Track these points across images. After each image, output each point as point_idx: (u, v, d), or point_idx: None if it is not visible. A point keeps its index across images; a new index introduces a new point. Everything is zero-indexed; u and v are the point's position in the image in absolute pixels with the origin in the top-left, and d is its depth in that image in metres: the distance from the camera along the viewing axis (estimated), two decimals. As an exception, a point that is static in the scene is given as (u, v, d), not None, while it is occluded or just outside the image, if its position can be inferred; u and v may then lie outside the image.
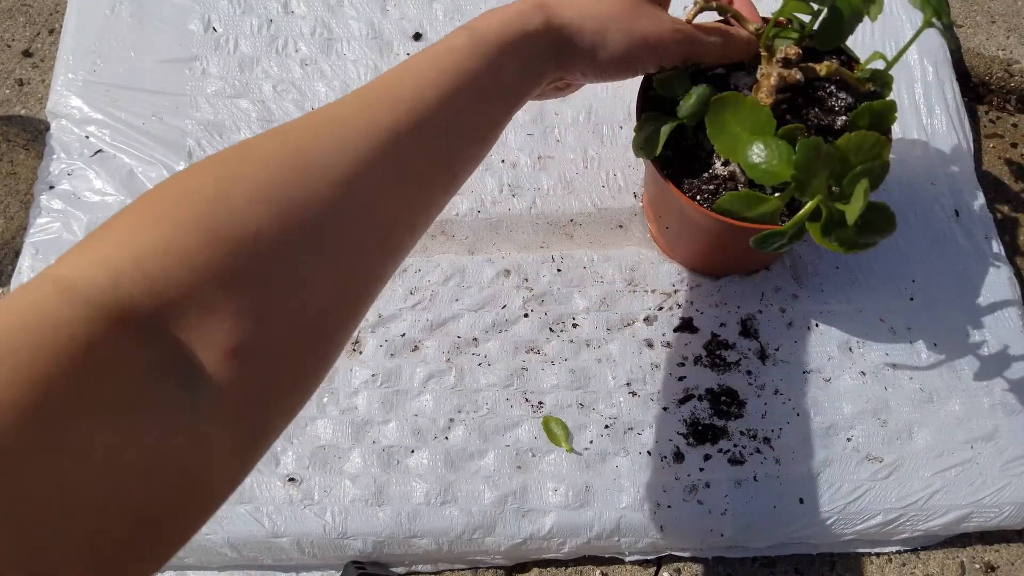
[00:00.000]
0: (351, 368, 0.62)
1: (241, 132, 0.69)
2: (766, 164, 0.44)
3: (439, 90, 0.37)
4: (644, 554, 0.59)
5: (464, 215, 0.67)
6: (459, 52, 0.40)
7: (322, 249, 0.31)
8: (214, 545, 0.57)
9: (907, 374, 0.62)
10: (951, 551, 0.60)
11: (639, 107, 0.53)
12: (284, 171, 0.31)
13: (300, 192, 0.31)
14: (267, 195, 0.30)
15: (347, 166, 0.33)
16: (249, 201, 0.30)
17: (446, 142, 0.38)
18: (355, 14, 0.75)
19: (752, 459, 0.59)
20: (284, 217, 0.30)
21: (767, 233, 0.43)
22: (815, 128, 0.53)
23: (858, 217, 0.39)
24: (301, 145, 0.33)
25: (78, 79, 0.70)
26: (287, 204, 0.30)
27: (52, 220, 0.66)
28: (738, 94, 0.49)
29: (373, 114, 0.35)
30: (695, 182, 0.52)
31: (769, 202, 0.46)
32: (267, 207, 0.30)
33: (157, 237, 0.28)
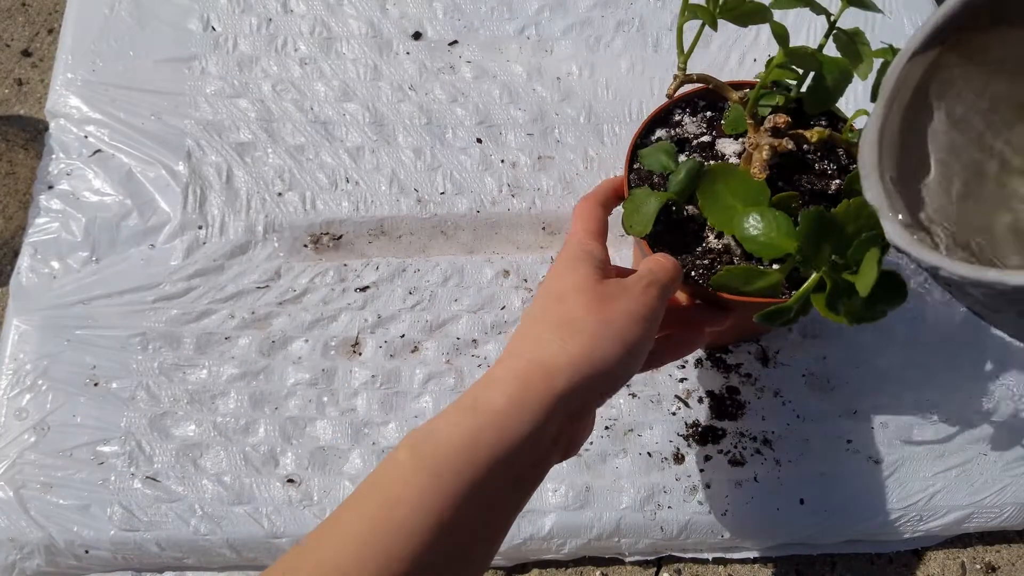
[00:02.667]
0: (351, 369, 0.62)
1: (240, 132, 0.69)
2: (764, 236, 0.42)
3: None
4: (644, 555, 0.59)
5: (463, 215, 0.67)
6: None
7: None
8: (213, 546, 0.57)
9: (907, 376, 0.62)
10: (952, 551, 0.60)
11: (627, 181, 0.52)
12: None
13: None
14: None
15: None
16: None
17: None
18: (355, 13, 0.75)
19: (752, 460, 0.59)
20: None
21: (772, 311, 0.41)
22: (808, 194, 0.51)
23: (869, 291, 0.38)
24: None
25: (77, 79, 0.70)
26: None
27: (51, 220, 0.66)
28: (729, 165, 0.48)
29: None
30: (688, 257, 0.50)
31: (768, 276, 0.44)
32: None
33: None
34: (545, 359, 0.38)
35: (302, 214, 0.66)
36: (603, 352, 0.39)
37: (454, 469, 0.35)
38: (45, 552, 0.56)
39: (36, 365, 0.61)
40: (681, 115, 0.54)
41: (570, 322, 0.40)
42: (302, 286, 0.65)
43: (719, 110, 0.54)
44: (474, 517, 0.35)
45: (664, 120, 0.54)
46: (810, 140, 0.48)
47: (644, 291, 0.42)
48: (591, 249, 0.44)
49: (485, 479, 0.35)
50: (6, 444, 0.59)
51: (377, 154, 0.69)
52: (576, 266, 0.43)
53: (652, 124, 0.54)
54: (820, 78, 0.47)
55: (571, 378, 0.38)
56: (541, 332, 0.40)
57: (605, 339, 0.39)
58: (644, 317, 0.41)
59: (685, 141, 0.53)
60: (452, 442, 0.36)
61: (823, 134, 0.48)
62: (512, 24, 0.74)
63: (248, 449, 0.59)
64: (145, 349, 0.62)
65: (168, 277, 0.64)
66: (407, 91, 0.71)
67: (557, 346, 0.39)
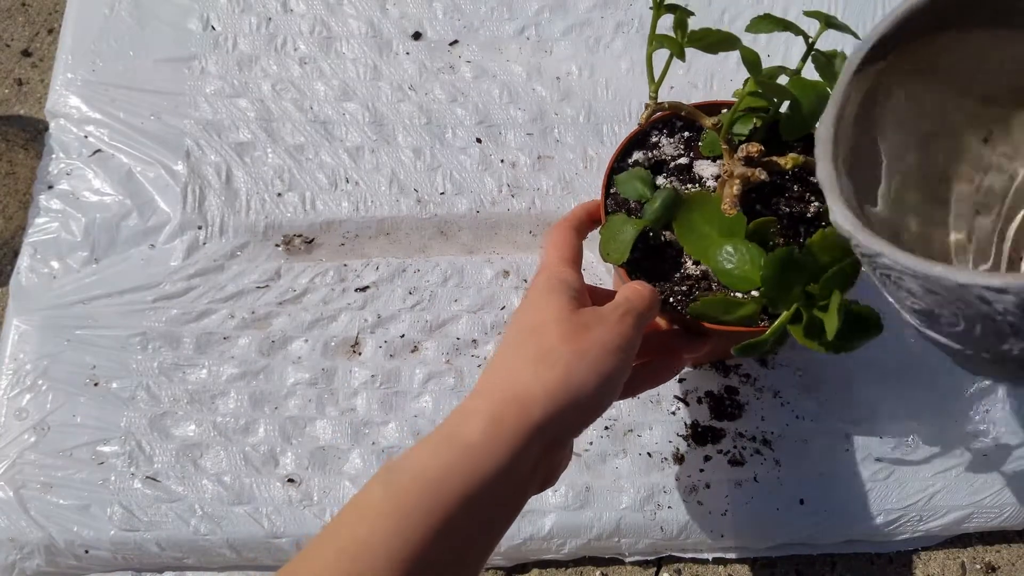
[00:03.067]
0: (350, 369, 0.62)
1: (240, 131, 0.69)
2: (738, 270, 0.43)
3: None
4: (644, 555, 0.59)
5: (463, 215, 0.67)
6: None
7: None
8: (213, 546, 0.57)
9: (907, 375, 0.62)
10: (952, 551, 0.60)
11: (603, 208, 0.52)
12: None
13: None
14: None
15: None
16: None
17: None
18: (354, 12, 0.75)
19: (752, 460, 0.59)
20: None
21: (750, 343, 0.41)
22: (786, 217, 0.51)
23: (837, 331, 0.38)
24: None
25: (77, 79, 0.70)
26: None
27: (51, 220, 0.66)
28: (705, 194, 0.48)
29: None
30: (667, 284, 0.50)
31: (746, 306, 0.44)
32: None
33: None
34: (520, 391, 0.38)
35: (302, 214, 0.66)
36: (579, 383, 0.39)
37: (425, 508, 0.35)
38: (45, 552, 0.56)
39: (36, 365, 0.61)
40: (658, 136, 0.54)
41: (545, 354, 0.39)
42: (302, 286, 0.65)
43: (697, 130, 0.54)
44: (445, 557, 0.35)
45: (641, 142, 0.54)
46: (784, 167, 0.48)
47: (620, 320, 0.41)
48: (565, 278, 0.44)
49: (457, 517, 0.35)
50: (6, 444, 0.59)
51: (377, 154, 0.69)
52: (550, 297, 0.43)
53: (629, 146, 0.53)
54: (796, 104, 0.47)
55: (546, 410, 0.38)
56: (516, 364, 0.40)
57: (581, 370, 0.39)
58: (620, 347, 0.40)
59: (663, 163, 0.53)
60: (426, 476, 0.35)
61: (797, 161, 0.48)
62: (512, 24, 0.74)
63: (248, 449, 0.59)
64: (145, 349, 0.62)
65: (168, 277, 0.64)
66: (407, 91, 0.71)
67: (532, 378, 0.39)
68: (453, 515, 0.35)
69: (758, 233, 0.46)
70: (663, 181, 0.53)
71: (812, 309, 0.40)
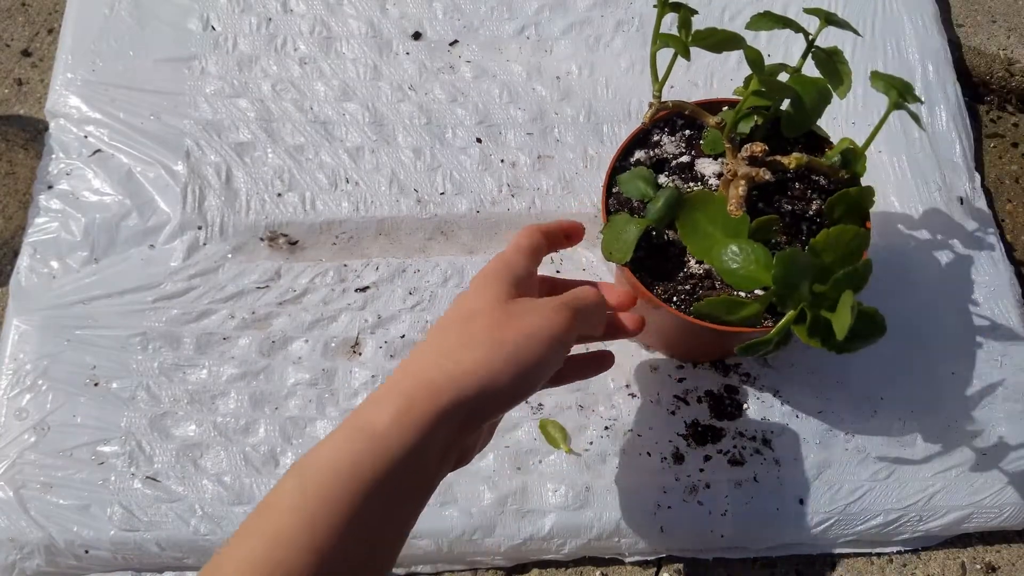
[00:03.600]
0: (351, 369, 0.62)
1: (240, 132, 0.69)
2: (743, 269, 0.43)
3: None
4: (644, 555, 0.59)
5: (463, 215, 0.67)
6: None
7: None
8: (213, 546, 0.57)
9: (907, 375, 0.62)
10: (952, 551, 0.60)
11: (605, 206, 0.51)
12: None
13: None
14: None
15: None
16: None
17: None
18: (354, 13, 0.75)
19: (752, 460, 0.59)
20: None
21: (753, 343, 0.42)
22: (789, 216, 0.51)
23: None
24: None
25: (77, 79, 0.70)
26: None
27: (50, 220, 0.66)
28: (708, 193, 0.48)
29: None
30: (670, 283, 0.50)
31: (749, 306, 0.44)
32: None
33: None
34: (433, 376, 0.39)
35: (302, 214, 0.66)
36: (492, 370, 0.39)
37: (335, 498, 0.35)
38: (45, 552, 0.56)
39: (36, 365, 0.61)
40: (660, 135, 0.54)
41: (468, 340, 0.40)
42: (302, 286, 0.65)
43: (698, 128, 0.54)
44: (357, 545, 0.36)
45: (643, 141, 0.54)
46: (788, 167, 0.48)
47: (554, 311, 0.42)
48: (511, 263, 0.45)
49: (367, 505, 0.36)
50: (6, 444, 0.59)
51: (377, 154, 0.69)
52: (488, 283, 0.44)
53: (631, 145, 0.53)
54: (798, 102, 0.47)
55: (457, 395, 0.38)
56: (437, 349, 0.41)
57: (498, 358, 0.40)
58: (549, 337, 0.41)
59: (664, 161, 0.53)
60: (335, 467, 0.36)
61: (801, 160, 0.48)
62: (512, 24, 0.74)
63: (248, 449, 0.59)
64: (145, 349, 0.62)
65: (168, 277, 0.64)
66: (407, 91, 0.71)
67: (448, 364, 0.39)
68: (363, 503, 0.36)
69: (761, 231, 0.46)
70: (665, 180, 0.52)
71: (818, 309, 0.40)
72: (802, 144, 0.52)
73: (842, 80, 0.49)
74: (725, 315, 0.45)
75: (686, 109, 0.49)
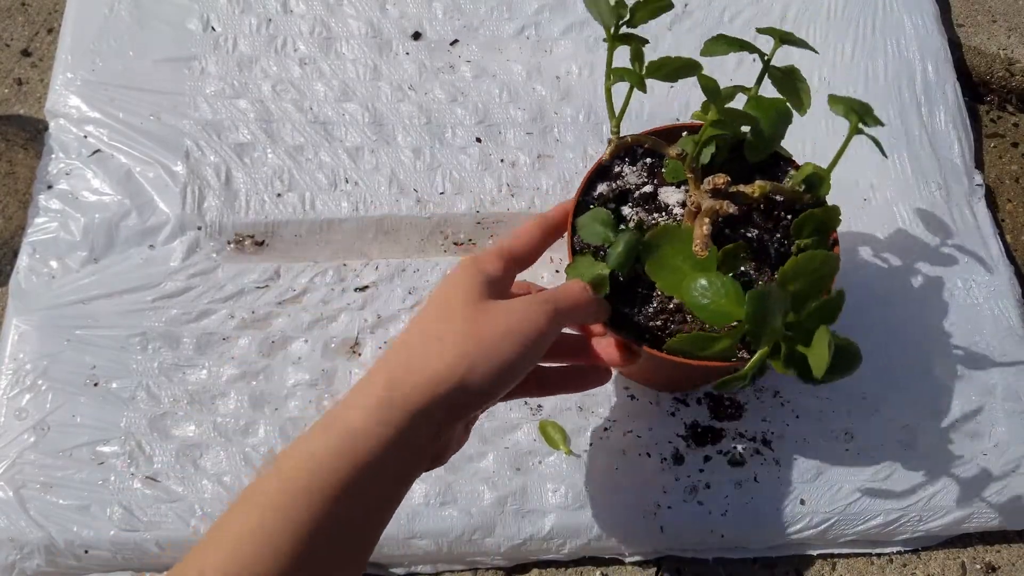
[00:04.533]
0: (350, 370, 0.62)
1: (239, 132, 0.69)
2: (713, 304, 0.41)
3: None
4: (644, 555, 0.59)
5: (463, 215, 0.67)
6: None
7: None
8: (213, 546, 0.57)
9: (907, 375, 0.62)
10: (952, 551, 0.60)
11: (570, 245, 0.50)
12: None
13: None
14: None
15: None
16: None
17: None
18: (354, 13, 0.74)
19: (752, 460, 0.59)
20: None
21: (729, 379, 0.41)
22: (756, 240, 0.50)
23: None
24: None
25: (77, 78, 0.70)
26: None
27: (50, 220, 0.66)
28: (674, 227, 0.47)
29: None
30: (641, 318, 0.48)
31: (721, 341, 0.43)
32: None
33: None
34: (409, 375, 0.39)
35: (301, 214, 0.66)
36: (470, 368, 0.39)
37: (312, 492, 0.36)
38: (45, 552, 0.56)
39: (36, 365, 0.61)
40: (621, 166, 0.53)
41: (442, 337, 0.40)
42: (301, 286, 0.65)
43: (660, 156, 0.53)
44: (337, 536, 0.36)
45: (604, 173, 0.53)
46: (752, 196, 0.47)
47: (530, 309, 0.42)
48: (482, 266, 0.44)
49: (343, 499, 0.36)
50: (6, 444, 0.59)
51: (376, 154, 0.69)
52: (459, 282, 0.43)
53: (593, 178, 0.52)
54: (757, 127, 0.46)
55: (433, 393, 0.38)
56: (412, 347, 0.41)
57: (475, 356, 0.39)
58: (524, 335, 0.41)
59: (627, 192, 0.52)
60: (314, 461, 0.36)
61: (764, 189, 0.47)
62: (512, 24, 0.74)
63: (248, 450, 0.59)
64: (145, 349, 0.62)
65: (168, 277, 0.64)
66: (407, 91, 0.71)
67: (423, 361, 0.39)
68: (339, 497, 0.36)
69: (729, 260, 0.45)
70: (629, 211, 0.51)
71: (793, 343, 0.40)
72: (766, 163, 0.50)
73: (801, 100, 0.48)
74: (698, 351, 0.44)
75: (645, 142, 0.48)
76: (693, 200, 0.47)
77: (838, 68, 0.73)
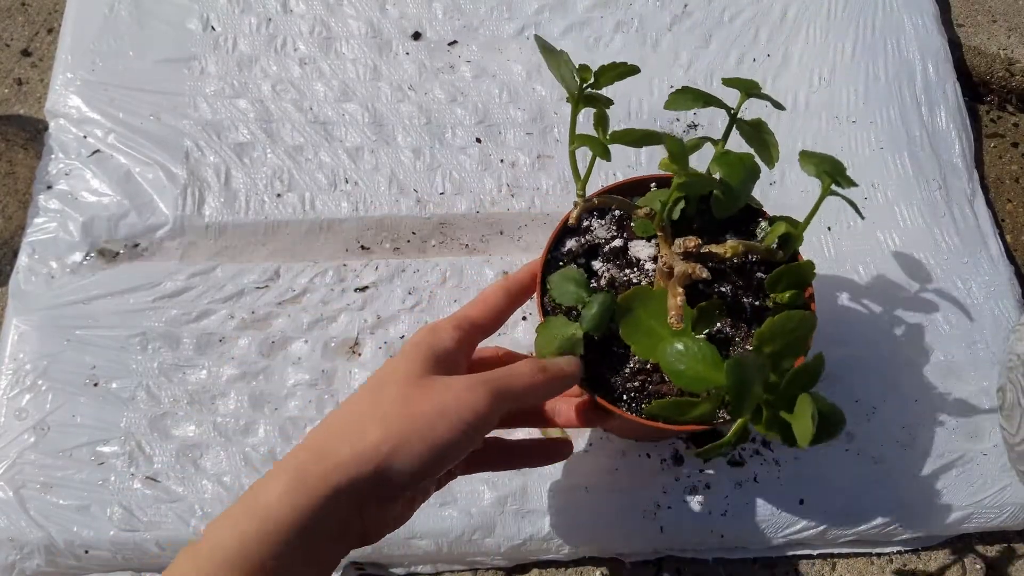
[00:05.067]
0: (350, 370, 0.62)
1: (239, 132, 0.69)
2: (690, 370, 0.40)
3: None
4: (644, 555, 0.59)
5: (463, 215, 0.67)
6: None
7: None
8: (213, 546, 0.57)
9: (907, 375, 0.62)
10: (952, 551, 0.60)
11: (540, 304, 0.49)
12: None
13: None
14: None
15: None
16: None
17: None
18: (354, 13, 0.74)
19: (752, 460, 0.59)
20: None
21: (712, 447, 0.41)
22: (731, 296, 0.49)
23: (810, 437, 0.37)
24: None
25: (77, 78, 0.70)
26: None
27: (49, 220, 0.66)
28: (646, 289, 0.46)
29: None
30: (617, 380, 0.47)
31: (701, 406, 0.43)
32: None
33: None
34: (333, 451, 0.37)
35: (301, 214, 0.66)
36: (396, 447, 0.38)
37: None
38: (45, 552, 0.56)
39: (36, 365, 0.61)
40: (589, 220, 0.52)
41: (375, 414, 0.39)
42: (301, 286, 0.65)
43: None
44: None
45: (573, 228, 0.52)
46: (724, 256, 0.46)
47: (468, 390, 0.40)
48: (434, 339, 0.43)
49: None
50: (6, 444, 0.59)
51: (376, 154, 0.69)
52: (407, 354, 0.42)
53: (561, 235, 0.51)
54: (726, 184, 0.46)
55: (357, 472, 0.37)
56: (345, 421, 0.39)
57: (404, 434, 0.38)
58: (460, 417, 0.39)
59: (597, 247, 0.51)
60: (224, 551, 0.35)
61: (736, 249, 0.46)
62: (512, 24, 0.74)
63: (248, 450, 0.59)
64: (145, 349, 0.62)
65: (167, 277, 0.64)
66: (407, 91, 0.71)
67: (353, 437, 0.38)
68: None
69: (704, 318, 0.44)
70: (600, 266, 0.51)
71: (776, 409, 0.39)
72: (736, 216, 0.50)
73: (771, 154, 0.47)
74: (677, 416, 0.43)
75: (612, 204, 0.47)
76: (665, 262, 0.45)
77: (838, 68, 0.73)
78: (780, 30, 0.75)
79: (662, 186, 0.53)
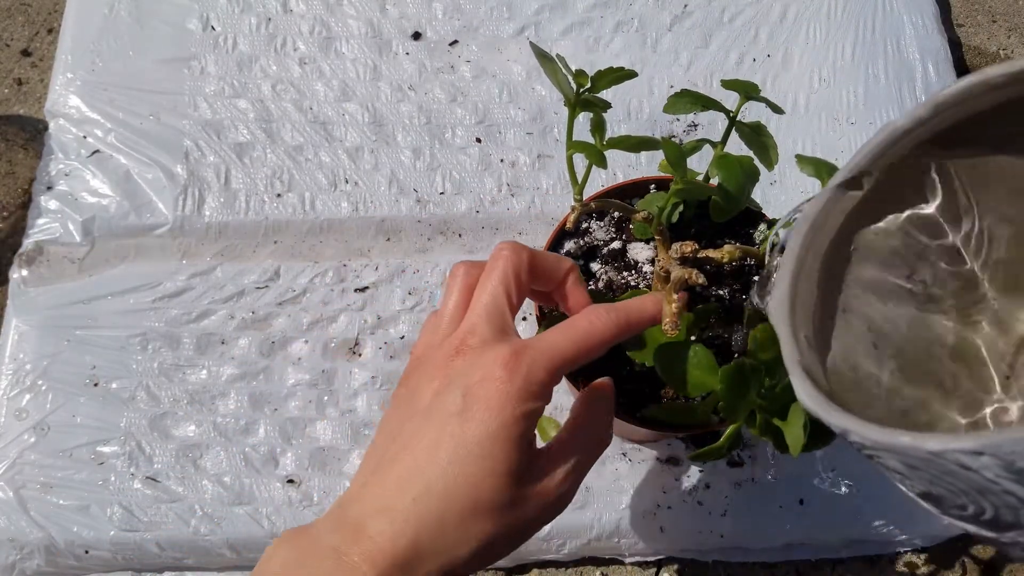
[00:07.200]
0: (350, 370, 0.62)
1: (239, 132, 0.69)
2: (686, 375, 0.41)
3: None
4: (644, 555, 0.59)
5: (463, 215, 0.67)
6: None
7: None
8: (213, 546, 0.57)
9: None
10: (952, 551, 0.60)
11: (537, 311, 0.50)
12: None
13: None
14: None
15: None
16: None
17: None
18: (354, 13, 0.74)
19: (752, 461, 0.59)
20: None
21: (706, 451, 0.41)
22: (727, 299, 0.49)
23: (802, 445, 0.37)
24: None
25: (76, 79, 0.70)
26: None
27: (50, 220, 0.66)
28: (643, 292, 0.46)
29: None
30: (617, 383, 0.46)
31: (696, 411, 0.43)
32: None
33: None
34: (409, 545, 0.31)
35: (301, 215, 0.66)
36: (490, 553, 0.32)
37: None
38: (45, 552, 0.56)
39: (36, 365, 0.61)
40: (588, 221, 0.52)
41: (473, 512, 0.32)
42: (301, 286, 0.65)
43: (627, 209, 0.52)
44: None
45: (572, 230, 0.52)
46: (720, 262, 0.46)
47: (565, 478, 0.34)
48: (539, 392, 0.33)
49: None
50: (6, 444, 0.59)
51: (376, 154, 0.69)
52: (511, 428, 0.32)
53: (559, 236, 0.52)
54: (724, 189, 0.46)
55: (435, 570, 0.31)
56: (421, 507, 0.31)
57: (503, 538, 0.32)
58: (556, 508, 0.34)
59: (595, 249, 0.51)
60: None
61: (733, 254, 0.45)
62: (512, 24, 0.74)
63: (248, 450, 0.59)
64: (145, 349, 0.62)
65: (167, 277, 0.64)
66: (406, 91, 0.71)
67: (450, 538, 0.31)
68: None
69: (700, 319, 0.45)
70: (598, 268, 0.51)
71: (769, 415, 0.39)
72: (735, 217, 0.50)
73: (770, 156, 0.47)
74: (673, 420, 0.44)
75: (610, 208, 0.48)
76: (662, 266, 0.46)
77: (838, 68, 0.73)
78: (780, 30, 0.75)
79: (662, 188, 0.53)
